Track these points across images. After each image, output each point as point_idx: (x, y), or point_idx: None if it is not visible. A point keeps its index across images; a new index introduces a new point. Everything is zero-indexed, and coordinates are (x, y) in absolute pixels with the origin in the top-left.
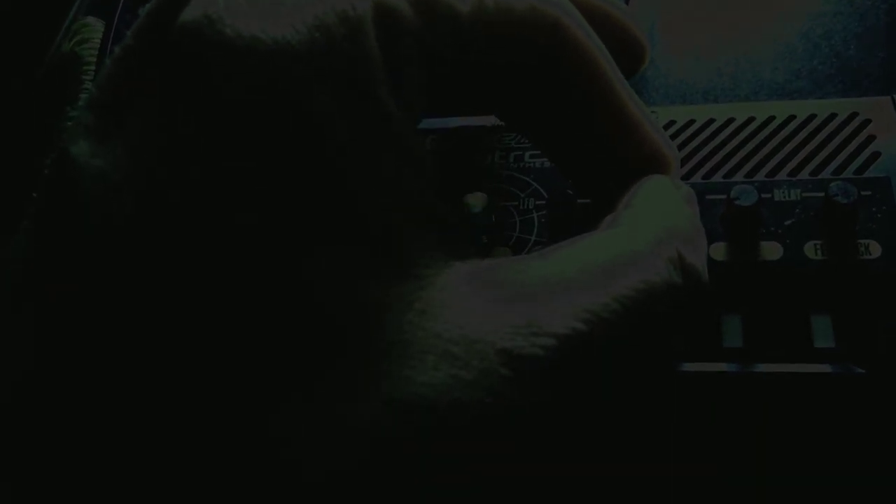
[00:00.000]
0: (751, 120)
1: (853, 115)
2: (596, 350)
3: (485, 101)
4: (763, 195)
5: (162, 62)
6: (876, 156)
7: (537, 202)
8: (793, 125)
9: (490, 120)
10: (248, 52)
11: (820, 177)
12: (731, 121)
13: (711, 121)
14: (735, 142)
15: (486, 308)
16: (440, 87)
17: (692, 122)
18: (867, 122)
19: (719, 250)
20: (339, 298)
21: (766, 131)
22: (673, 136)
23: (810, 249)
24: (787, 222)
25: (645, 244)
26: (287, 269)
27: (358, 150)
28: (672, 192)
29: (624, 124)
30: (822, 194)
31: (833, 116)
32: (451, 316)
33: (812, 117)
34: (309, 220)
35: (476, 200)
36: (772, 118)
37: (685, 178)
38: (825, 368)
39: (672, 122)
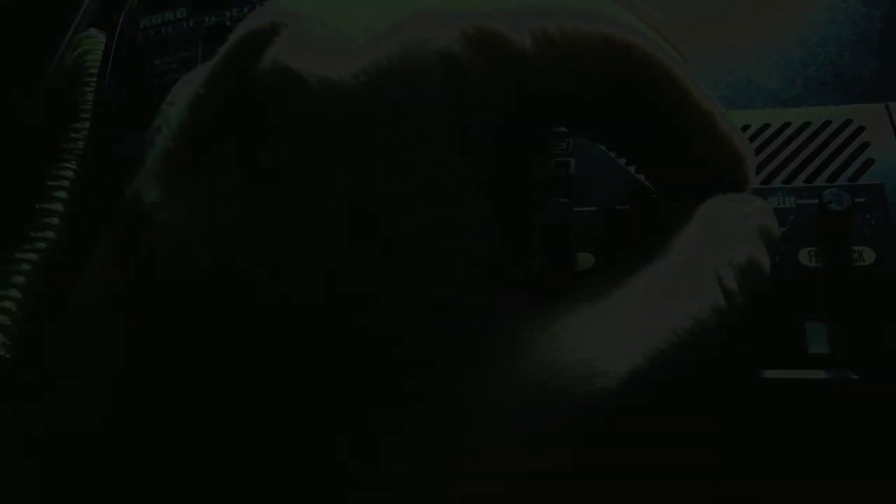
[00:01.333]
0: (745, 128)
1: (847, 123)
2: (656, 382)
3: (555, 118)
4: None
5: (236, 114)
6: (870, 163)
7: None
8: (787, 133)
9: None
10: (324, 109)
11: (814, 184)
12: None
13: None
14: None
15: (546, 356)
16: (507, 116)
17: None
18: (861, 129)
19: None
20: (399, 359)
21: (761, 139)
22: None
23: (804, 256)
24: (782, 229)
25: (690, 269)
26: (349, 332)
27: (421, 208)
28: (728, 208)
29: (702, 128)
30: (816, 201)
31: (827, 124)
32: (512, 367)
33: (806, 125)
34: (367, 278)
35: None
36: (766, 126)
37: None
38: (820, 374)
39: None
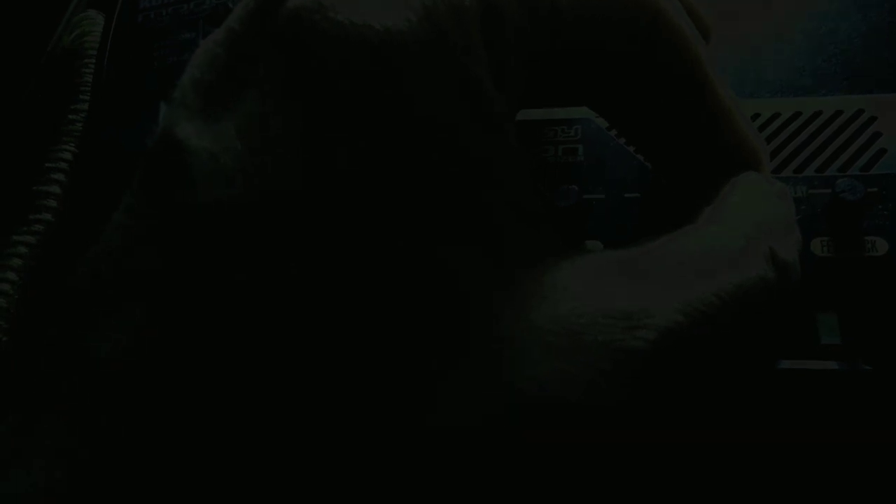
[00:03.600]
0: (756, 117)
1: (859, 112)
2: (694, 343)
3: (574, 89)
4: None
5: (271, 47)
6: (882, 153)
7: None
8: (798, 122)
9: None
10: (358, 40)
11: (826, 173)
12: None
13: None
14: None
15: (587, 301)
16: (535, 77)
17: None
18: (873, 119)
19: None
20: (450, 294)
21: (772, 128)
22: None
23: (817, 246)
24: None
25: (739, 240)
26: (393, 265)
27: (460, 144)
28: (765, 188)
29: (718, 115)
30: (828, 191)
31: (839, 113)
32: (554, 309)
33: (818, 114)
34: (412, 211)
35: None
36: (777, 115)
37: None
38: (831, 365)
39: None
